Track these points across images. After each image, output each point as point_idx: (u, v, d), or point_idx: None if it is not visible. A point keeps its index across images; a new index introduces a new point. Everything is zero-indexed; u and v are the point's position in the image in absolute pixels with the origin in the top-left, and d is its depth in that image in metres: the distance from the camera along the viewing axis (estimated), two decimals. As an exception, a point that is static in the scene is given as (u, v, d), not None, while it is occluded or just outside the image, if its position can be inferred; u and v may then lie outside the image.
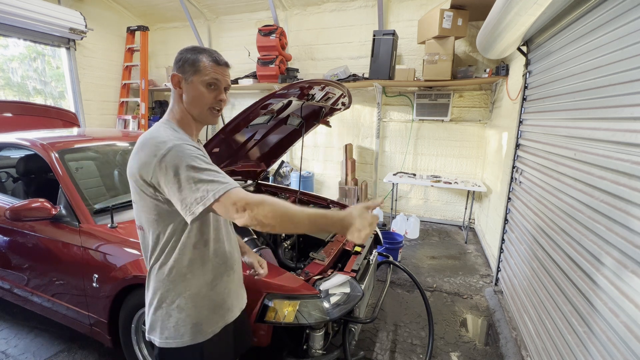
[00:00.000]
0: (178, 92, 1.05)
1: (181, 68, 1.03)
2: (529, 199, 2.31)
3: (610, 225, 1.30)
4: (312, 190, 5.45)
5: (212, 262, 1.10)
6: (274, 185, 3.14)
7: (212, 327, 1.11)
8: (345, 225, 0.88)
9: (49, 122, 3.30)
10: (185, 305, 1.06)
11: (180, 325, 1.06)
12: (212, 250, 1.09)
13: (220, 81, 1.05)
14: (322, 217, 0.90)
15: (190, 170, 0.90)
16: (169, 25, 6.17)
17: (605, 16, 1.48)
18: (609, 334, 1.23)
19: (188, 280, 1.05)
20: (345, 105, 2.50)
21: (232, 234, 1.23)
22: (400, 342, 2.32)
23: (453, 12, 3.76)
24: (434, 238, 4.38)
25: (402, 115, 4.94)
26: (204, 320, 1.08)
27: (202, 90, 1.03)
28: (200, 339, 1.08)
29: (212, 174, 0.91)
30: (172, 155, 0.91)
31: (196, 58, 1.02)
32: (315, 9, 5.06)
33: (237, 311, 1.22)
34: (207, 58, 1.03)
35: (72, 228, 1.86)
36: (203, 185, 0.89)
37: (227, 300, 1.16)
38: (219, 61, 1.05)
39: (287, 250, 2.03)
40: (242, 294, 1.29)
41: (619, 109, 1.33)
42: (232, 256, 1.19)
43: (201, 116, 1.07)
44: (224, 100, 1.09)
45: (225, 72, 1.07)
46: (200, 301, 1.08)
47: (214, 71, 1.03)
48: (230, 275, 1.17)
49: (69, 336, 2.29)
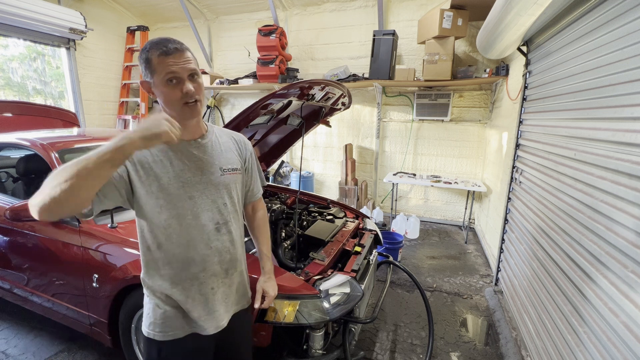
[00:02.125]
0: (154, 98, 1.00)
1: (144, 73, 0.96)
2: (529, 199, 2.30)
3: (610, 225, 1.30)
4: (312, 190, 5.45)
5: (170, 265, 1.04)
6: (274, 185, 3.14)
7: (174, 331, 1.07)
8: (121, 139, 0.78)
9: (49, 122, 3.30)
10: (153, 299, 1.07)
11: (149, 315, 1.07)
12: (168, 255, 1.03)
13: (178, 72, 0.93)
14: (93, 154, 0.78)
15: None
16: (169, 25, 6.17)
17: (605, 16, 1.48)
18: (609, 334, 1.23)
19: (152, 277, 1.06)
20: (345, 105, 2.50)
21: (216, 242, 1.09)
22: (400, 342, 2.32)
23: (453, 12, 3.76)
24: (434, 238, 4.38)
25: (402, 115, 4.94)
26: (166, 320, 1.06)
27: (165, 90, 0.94)
28: (158, 337, 1.06)
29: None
30: None
31: (147, 57, 0.93)
32: (315, 9, 5.06)
33: (211, 329, 1.09)
34: (156, 53, 0.92)
35: (72, 228, 1.86)
36: None
37: (191, 311, 1.06)
38: (168, 50, 0.92)
39: (287, 250, 2.03)
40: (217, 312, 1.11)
41: (619, 109, 1.33)
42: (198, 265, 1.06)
43: (180, 115, 0.98)
44: (191, 91, 0.95)
45: (181, 59, 0.94)
46: (163, 301, 1.06)
47: (167, 65, 0.92)
48: (194, 285, 1.06)
49: (69, 336, 2.29)
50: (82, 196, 0.81)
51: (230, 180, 1.13)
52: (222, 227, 1.11)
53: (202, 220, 1.06)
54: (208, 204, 1.07)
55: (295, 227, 2.19)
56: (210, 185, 1.08)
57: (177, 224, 1.02)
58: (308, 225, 2.31)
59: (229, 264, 1.14)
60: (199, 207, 1.06)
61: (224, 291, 1.14)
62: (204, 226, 1.06)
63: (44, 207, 0.77)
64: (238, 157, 1.19)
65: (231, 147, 1.18)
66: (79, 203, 0.82)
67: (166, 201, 1.01)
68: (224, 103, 6.05)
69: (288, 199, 2.80)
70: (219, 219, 1.10)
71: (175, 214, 1.02)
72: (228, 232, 1.13)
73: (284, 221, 2.28)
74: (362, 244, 2.19)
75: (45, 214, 0.79)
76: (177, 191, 1.02)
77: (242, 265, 1.23)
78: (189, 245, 1.05)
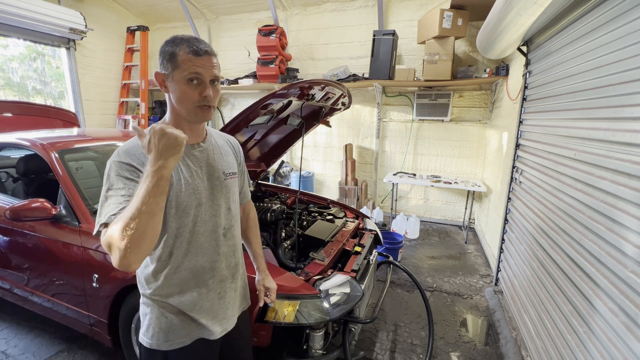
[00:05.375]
0: (165, 92, 0.97)
1: (162, 64, 0.94)
2: (529, 199, 2.30)
3: (610, 225, 1.30)
4: (312, 190, 5.45)
5: (178, 274, 1.02)
6: (274, 185, 3.14)
7: (181, 339, 1.04)
8: (156, 170, 0.78)
9: (49, 122, 3.30)
10: (156, 309, 1.03)
11: (151, 326, 1.03)
12: (178, 263, 1.01)
13: (203, 74, 0.93)
14: (137, 196, 0.79)
15: (104, 191, 0.90)
16: (169, 25, 6.17)
17: (605, 16, 1.48)
18: (609, 334, 1.23)
19: (156, 288, 1.02)
20: (345, 105, 2.50)
21: (223, 247, 1.09)
22: (400, 342, 2.32)
23: (453, 12, 3.76)
24: (434, 238, 4.38)
25: (402, 115, 4.94)
26: (171, 328, 1.03)
27: (184, 87, 0.92)
28: (164, 347, 1.02)
29: (110, 203, 0.86)
30: (108, 169, 0.92)
31: (173, 51, 0.91)
32: (315, 9, 5.06)
33: (217, 333, 1.09)
34: (185, 49, 0.91)
35: (72, 228, 1.86)
36: (98, 212, 0.88)
37: (199, 318, 1.05)
38: (199, 51, 0.92)
39: (287, 250, 2.03)
40: (224, 316, 1.13)
41: (618, 109, 1.33)
42: (207, 272, 1.06)
43: (190, 115, 0.97)
44: (210, 96, 0.95)
45: (209, 63, 0.94)
46: (169, 309, 1.03)
47: (193, 64, 0.91)
48: (203, 292, 1.06)
49: (69, 336, 2.29)
50: (157, 230, 0.82)
51: (231, 184, 1.13)
52: (228, 232, 1.11)
53: (211, 227, 1.05)
54: (215, 209, 1.06)
55: (295, 227, 2.19)
56: (215, 190, 1.07)
57: (187, 232, 1.01)
58: (308, 225, 2.31)
59: (234, 268, 1.15)
60: (208, 214, 1.04)
61: (230, 295, 1.14)
62: (212, 232, 1.06)
63: (134, 259, 0.79)
64: (235, 160, 1.20)
65: (229, 151, 1.18)
66: (156, 237, 0.83)
67: (177, 209, 0.98)
68: (224, 103, 6.05)
69: (288, 199, 2.80)
70: (224, 224, 1.10)
71: (186, 222, 1.00)
72: (232, 237, 1.14)
73: (284, 221, 2.28)
74: (362, 244, 2.19)
75: (137, 263, 0.81)
76: (187, 198, 0.99)
77: (242, 268, 1.24)
78: (199, 252, 1.04)
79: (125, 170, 0.90)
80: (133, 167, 0.91)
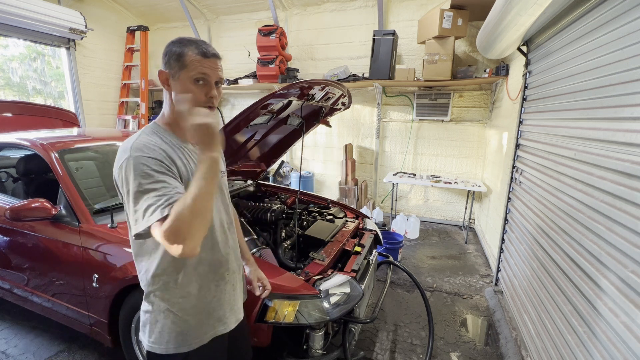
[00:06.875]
0: (167, 90, 0.99)
1: (167, 63, 0.96)
2: (529, 199, 2.30)
3: (610, 225, 1.30)
4: (312, 190, 5.45)
5: (198, 270, 1.03)
6: (274, 185, 3.14)
7: (199, 338, 1.05)
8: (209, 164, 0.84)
9: (49, 122, 3.30)
10: (170, 313, 1.01)
11: (165, 332, 1.02)
12: (197, 258, 1.02)
13: (210, 75, 0.96)
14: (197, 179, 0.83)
15: (137, 187, 0.86)
16: (169, 25, 6.17)
17: (605, 16, 1.48)
18: (609, 334, 1.23)
19: (172, 289, 1.01)
20: (345, 105, 2.50)
21: (230, 240, 1.14)
22: (400, 342, 2.32)
23: (453, 12, 3.76)
24: (434, 238, 4.38)
25: (402, 115, 4.94)
26: (189, 330, 1.03)
27: (191, 87, 0.95)
28: (184, 349, 1.03)
29: (152, 197, 0.85)
30: (127, 167, 0.88)
31: (182, 51, 0.94)
32: (315, 9, 5.06)
33: (232, 324, 1.15)
34: (194, 51, 0.94)
35: (72, 228, 1.86)
36: (141, 209, 0.85)
37: (217, 311, 1.09)
38: (207, 53, 0.95)
39: (287, 250, 2.03)
40: (237, 306, 1.19)
41: (618, 109, 1.33)
42: (224, 265, 1.10)
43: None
44: (216, 97, 0.99)
45: (215, 65, 0.97)
46: (186, 310, 1.03)
47: (201, 65, 0.94)
48: (220, 285, 1.09)
49: (69, 336, 2.29)
50: (212, 213, 0.95)
51: (225, 181, 1.21)
52: (230, 226, 1.17)
53: (220, 222, 1.10)
54: (219, 205, 1.12)
55: (295, 227, 2.19)
56: (218, 187, 1.11)
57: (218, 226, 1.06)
58: (308, 225, 2.31)
59: (239, 260, 1.23)
60: (216, 209, 1.09)
61: (239, 286, 1.21)
62: (221, 227, 1.11)
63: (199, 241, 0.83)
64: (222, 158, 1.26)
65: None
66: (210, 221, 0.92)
67: None
68: (224, 103, 6.05)
69: (288, 199, 2.80)
70: (227, 219, 1.15)
71: None
72: (233, 231, 1.20)
73: (284, 221, 2.29)
74: (362, 244, 2.19)
75: (199, 246, 0.85)
76: None
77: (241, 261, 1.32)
78: (214, 247, 1.07)
79: (155, 164, 0.90)
80: (159, 160, 0.92)
